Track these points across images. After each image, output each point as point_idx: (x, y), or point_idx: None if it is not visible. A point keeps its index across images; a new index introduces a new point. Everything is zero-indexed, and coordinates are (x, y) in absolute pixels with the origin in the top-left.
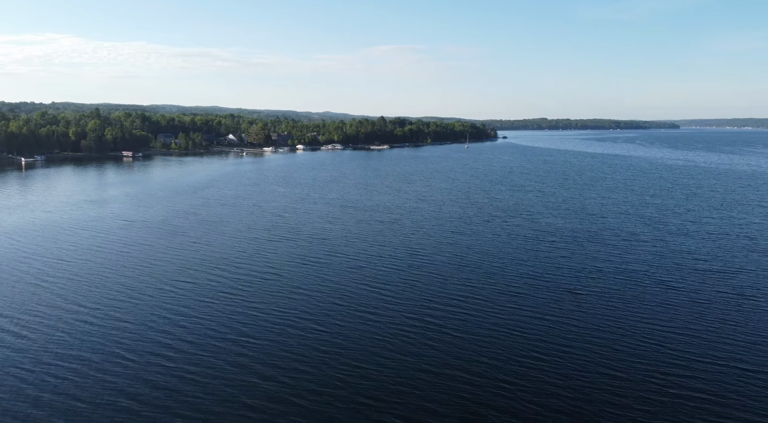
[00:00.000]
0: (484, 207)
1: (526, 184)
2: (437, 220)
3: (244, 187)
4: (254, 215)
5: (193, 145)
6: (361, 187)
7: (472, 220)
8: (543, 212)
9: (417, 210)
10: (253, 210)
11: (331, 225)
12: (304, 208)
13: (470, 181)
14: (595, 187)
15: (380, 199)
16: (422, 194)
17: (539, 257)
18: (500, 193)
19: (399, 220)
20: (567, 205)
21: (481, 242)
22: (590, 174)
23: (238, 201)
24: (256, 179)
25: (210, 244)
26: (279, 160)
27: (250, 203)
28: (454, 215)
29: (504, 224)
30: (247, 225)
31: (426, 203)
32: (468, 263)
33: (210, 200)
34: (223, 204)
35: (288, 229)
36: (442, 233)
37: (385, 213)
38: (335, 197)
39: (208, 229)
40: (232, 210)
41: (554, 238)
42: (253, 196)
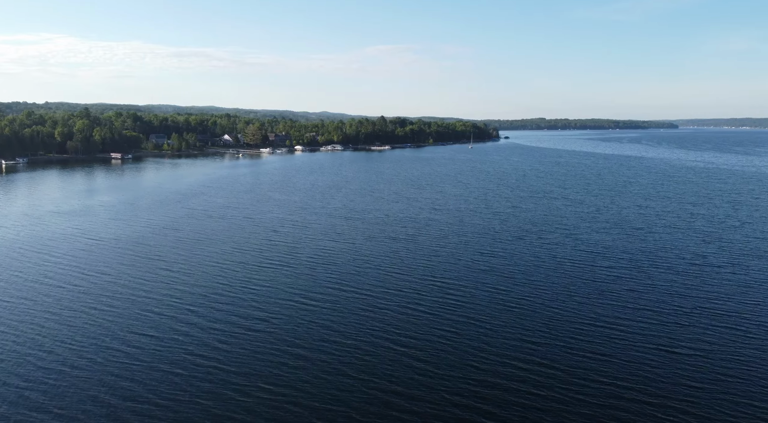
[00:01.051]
0: (509, 219)
1: (548, 189)
2: (459, 236)
3: (237, 195)
4: (245, 231)
5: (186, 146)
6: (366, 194)
7: (502, 237)
8: (580, 226)
9: (433, 223)
10: (245, 224)
11: (335, 243)
12: (302, 220)
13: (485, 186)
14: (625, 193)
15: (389, 208)
16: (435, 203)
17: (603, 293)
18: (522, 200)
19: (415, 237)
20: (603, 216)
21: (522, 269)
22: (612, 178)
23: (229, 212)
24: (250, 184)
25: (187, 273)
26: (276, 162)
27: (241, 215)
28: (477, 230)
29: (541, 243)
30: (235, 245)
31: (442, 214)
32: (513, 303)
33: (197, 211)
34: (210, 216)
35: (284, 250)
36: (470, 255)
37: (397, 227)
38: (338, 206)
39: (189, 252)
40: (220, 224)
41: (609, 262)
42: (246, 205)
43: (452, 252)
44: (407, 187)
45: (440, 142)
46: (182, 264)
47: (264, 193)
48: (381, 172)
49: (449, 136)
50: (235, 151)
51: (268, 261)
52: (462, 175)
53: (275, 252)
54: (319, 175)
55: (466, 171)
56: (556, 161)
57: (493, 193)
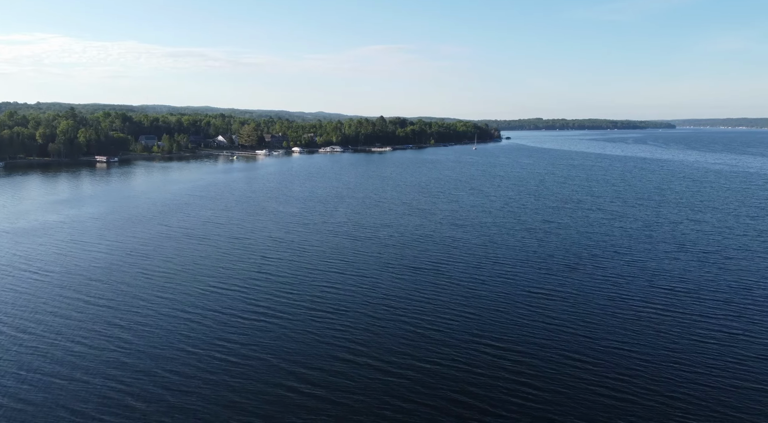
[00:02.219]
0: (547, 238)
1: (576, 197)
2: (495, 264)
3: (226, 206)
4: (229, 258)
5: (177, 148)
6: (373, 205)
7: (548, 266)
8: (636, 248)
9: (458, 245)
10: (230, 247)
11: (341, 276)
12: (300, 241)
13: (504, 193)
14: (665, 202)
15: (402, 224)
16: (455, 216)
17: (722, 367)
18: (554, 213)
19: (441, 266)
20: (657, 233)
21: (594, 317)
22: (640, 183)
23: (213, 230)
24: (242, 193)
25: (144, 331)
26: (272, 166)
27: (227, 234)
28: (515, 255)
29: (602, 276)
30: (215, 283)
31: (465, 231)
32: (596, 379)
33: (175, 230)
34: (190, 236)
35: (276, 290)
36: (517, 298)
37: (415, 250)
38: (342, 221)
39: (153, 294)
40: (199, 248)
41: (702, 304)
42: (234, 220)
43: (493, 290)
44: (418, 196)
45: (442, 143)
46: (139, 316)
47: (257, 204)
48: (386, 177)
49: (450, 137)
50: (229, 153)
51: (255, 310)
52: (475, 180)
53: (265, 295)
54: (319, 181)
55: (478, 176)
56: (570, 164)
57: (516, 203)
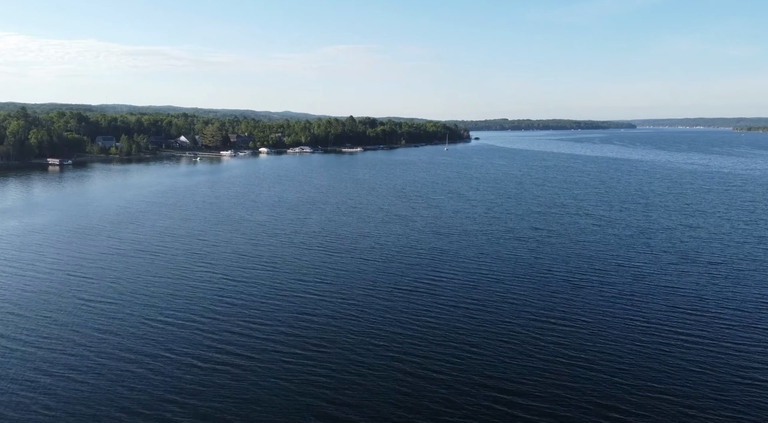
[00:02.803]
0: (541, 248)
1: (559, 201)
2: (492, 282)
3: (186, 215)
4: (187, 281)
5: (137, 149)
6: (348, 213)
7: (549, 282)
8: (638, 259)
9: (447, 258)
10: (188, 267)
11: (319, 301)
12: (269, 258)
13: (484, 197)
14: (651, 205)
15: (381, 234)
16: (437, 224)
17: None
18: (541, 219)
19: (433, 286)
20: (656, 241)
21: (616, 343)
22: (619, 185)
23: (168, 244)
24: (205, 199)
25: (75, 384)
26: (238, 168)
27: (184, 249)
28: (511, 269)
29: (613, 291)
30: (167, 314)
31: (451, 241)
32: None
33: (126, 244)
34: (142, 251)
35: (241, 323)
36: (522, 321)
37: (399, 265)
38: (314, 231)
39: (90, 330)
40: (152, 269)
41: (739, 335)
42: (194, 231)
43: (492, 313)
44: (395, 200)
45: (412, 144)
46: (69, 354)
47: (221, 212)
48: (358, 180)
49: (421, 137)
50: (192, 155)
51: (212, 347)
52: (451, 182)
53: (225, 323)
54: (288, 185)
55: (454, 177)
56: (543, 165)
57: (499, 208)
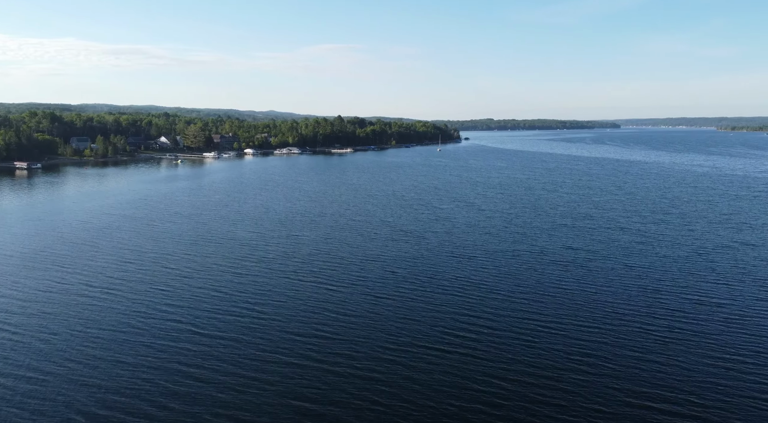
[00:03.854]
0: (591, 277)
1: (582, 210)
2: (551, 332)
3: (156, 234)
4: (147, 334)
5: (113, 151)
6: (348, 228)
7: (628, 331)
8: (722, 294)
9: (481, 295)
10: (150, 311)
11: (323, 378)
12: (256, 295)
13: (498, 207)
14: (687, 216)
15: (393, 256)
16: (454, 243)
17: None
18: (573, 235)
19: (473, 338)
20: (721, 266)
21: None
22: (638, 191)
23: (131, 277)
24: (182, 210)
25: None
26: (222, 171)
27: (149, 285)
28: (563, 312)
29: (710, 343)
30: (120, 387)
31: (479, 270)
32: None
33: (71, 280)
34: (91, 286)
35: (220, 400)
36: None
37: (424, 306)
38: (311, 252)
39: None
40: (102, 314)
41: None
42: (162, 259)
43: (552, 378)
44: (398, 211)
45: (403, 144)
46: None
47: (197, 228)
48: (353, 186)
49: (411, 138)
50: (173, 156)
51: None
52: (455, 188)
53: (192, 402)
54: (276, 192)
55: (456, 182)
56: (545, 167)
57: (518, 220)
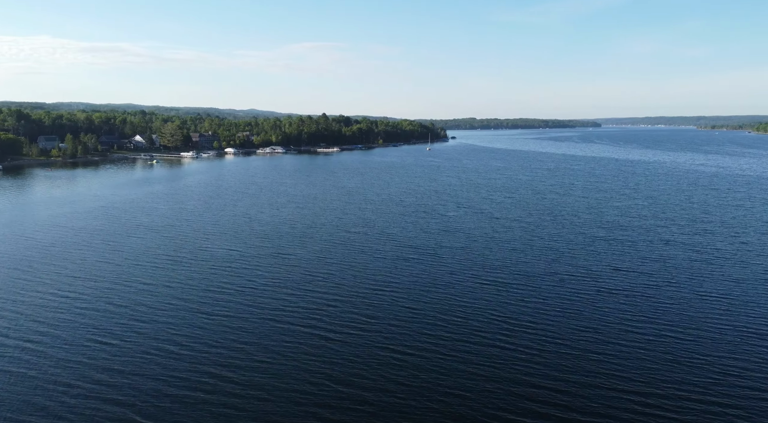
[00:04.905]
0: (671, 319)
1: (610, 218)
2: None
3: (107, 253)
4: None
5: (83, 150)
6: (347, 244)
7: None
8: None
9: (532, 338)
10: (80, 372)
11: None
12: (236, 352)
13: (512, 214)
14: (732, 225)
15: (409, 282)
16: (480, 263)
17: None
18: (619, 252)
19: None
20: None
21: None
22: (660, 195)
23: (70, 323)
24: (145, 221)
25: None
26: (200, 173)
27: (83, 330)
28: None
29: None
30: None
31: (520, 302)
32: None
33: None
34: (15, 337)
35: None
36: None
37: (459, 355)
38: (304, 280)
39: None
40: (20, 383)
41: None
42: (108, 292)
43: None
44: (400, 220)
45: (391, 143)
46: None
47: (162, 246)
48: (345, 189)
49: (398, 137)
50: (148, 156)
51: None
52: (456, 191)
53: None
54: (259, 197)
55: (456, 185)
56: (545, 167)
57: (542, 231)
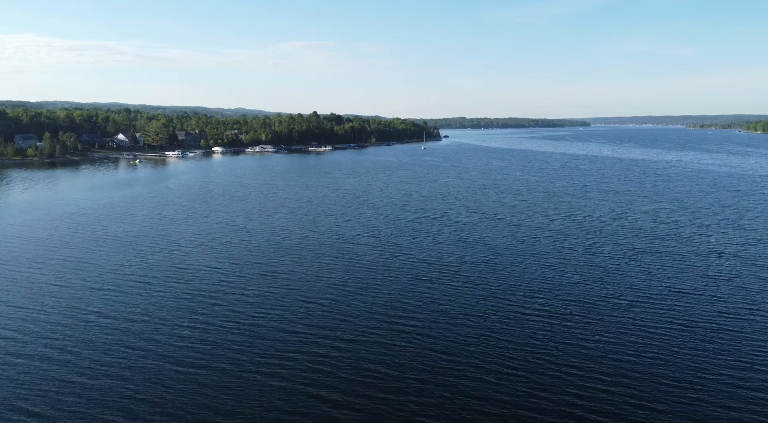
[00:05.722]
0: None
1: (645, 225)
2: None
3: (62, 272)
4: None
5: (62, 149)
6: (353, 260)
7: None
8: None
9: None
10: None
11: None
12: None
13: (533, 222)
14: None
15: (430, 321)
16: (513, 284)
17: None
18: (677, 271)
19: None
20: None
21: None
22: (688, 199)
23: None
24: (116, 231)
25: None
26: (185, 173)
27: (12, 391)
28: None
29: None
30: None
31: (576, 346)
32: None
33: None
34: None
35: None
36: None
37: None
38: (302, 312)
39: None
40: None
41: None
42: (63, 318)
43: None
44: (408, 229)
45: (384, 142)
46: None
47: (130, 260)
48: (341, 191)
49: (391, 135)
50: (131, 156)
51: None
52: (462, 193)
53: None
54: (248, 201)
55: (461, 186)
56: (551, 167)
57: (575, 243)
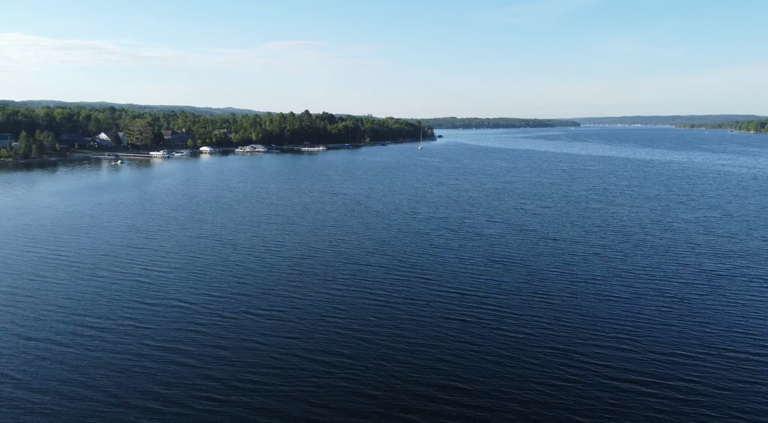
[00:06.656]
0: None
1: (699, 240)
2: None
3: (13, 310)
4: None
5: (39, 149)
6: (365, 289)
7: None
8: None
9: None
10: None
11: None
12: None
13: (570, 235)
14: None
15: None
16: (577, 325)
17: None
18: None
19: None
20: None
21: None
22: (727, 205)
23: None
24: (79, 247)
25: None
26: (169, 176)
27: None
28: None
29: None
30: None
31: None
32: None
33: None
34: None
35: None
36: None
37: None
38: (299, 352)
39: None
40: None
41: None
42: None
43: None
44: (424, 244)
45: (378, 142)
46: None
47: (82, 297)
48: (341, 196)
49: (385, 135)
50: (113, 156)
51: None
52: (474, 198)
53: None
54: (234, 210)
55: (471, 190)
56: (560, 168)
57: (630, 262)
